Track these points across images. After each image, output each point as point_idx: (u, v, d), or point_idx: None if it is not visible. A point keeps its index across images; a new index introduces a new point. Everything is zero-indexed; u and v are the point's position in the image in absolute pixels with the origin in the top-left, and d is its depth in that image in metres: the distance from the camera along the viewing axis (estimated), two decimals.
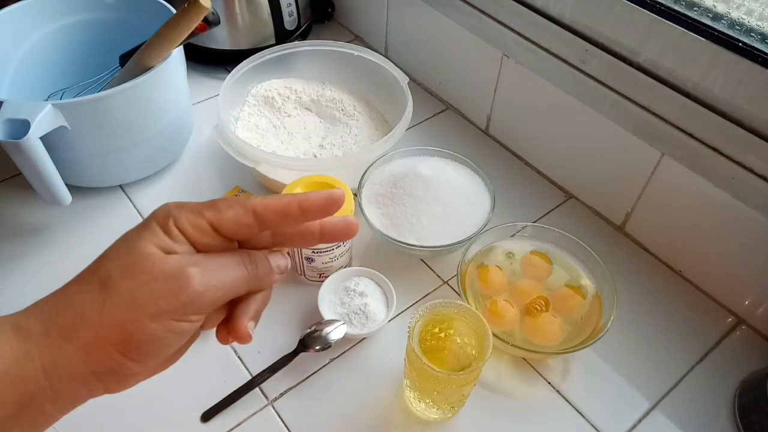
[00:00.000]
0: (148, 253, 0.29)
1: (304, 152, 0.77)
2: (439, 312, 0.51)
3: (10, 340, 0.28)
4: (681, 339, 0.63)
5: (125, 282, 0.28)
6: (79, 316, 0.28)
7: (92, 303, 0.28)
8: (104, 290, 0.28)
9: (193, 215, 0.31)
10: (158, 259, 0.29)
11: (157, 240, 0.29)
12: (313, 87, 0.84)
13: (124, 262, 0.29)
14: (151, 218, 0.31)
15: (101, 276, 0.29)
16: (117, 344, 0.28)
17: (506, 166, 0.81)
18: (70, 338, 0.28)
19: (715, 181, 0.58)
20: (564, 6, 0.64)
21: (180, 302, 0.29)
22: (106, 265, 0.29)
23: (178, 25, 0.62)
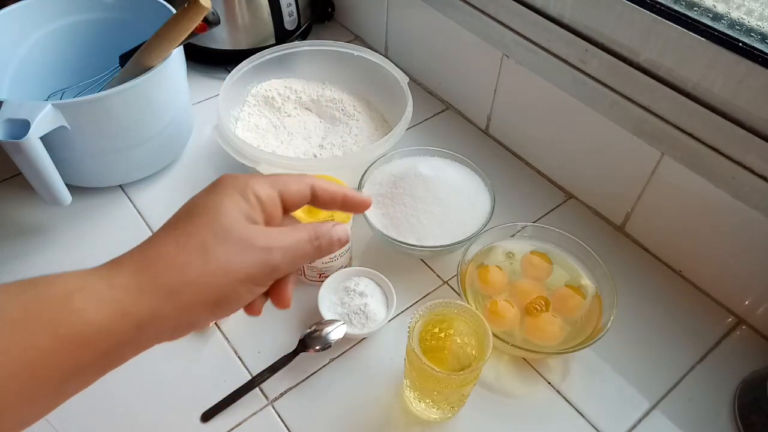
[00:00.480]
0: (236, 222, 0.33)
1: (304, 152, 0.77)
2: (439, 312, 0.51)
3: (106, 297, 0.30)
4: (681, 339, 0.63)
5: (220, 249, 0.32)
6: (181, 278, 0.31)
7: (192, 266, 0.31)
8: (203, 255, 0.31)
9: (268, 186, 0.35)
10: (246, 229, 0.33)
11: (241, 207, 0.33)
12: (313, 87, 0.84)
13: (217, 230, 0.32)
14: (228, 185, 0.34)
15: (198, 242, 0.32)
16: (210, 305, 0.32)
17: (506, 166, 0.81)
18: (169, 298, 0.31)
19: (715, 181, 0.58)
20: (564, 6, 0.64)
21: (265, 272, 0.33)
22: (200, 231, 0.32)
23: (178, 25, 0.62)
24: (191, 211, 0.34)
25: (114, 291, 0.30)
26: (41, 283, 0.30)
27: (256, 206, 0.34)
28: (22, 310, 0.28)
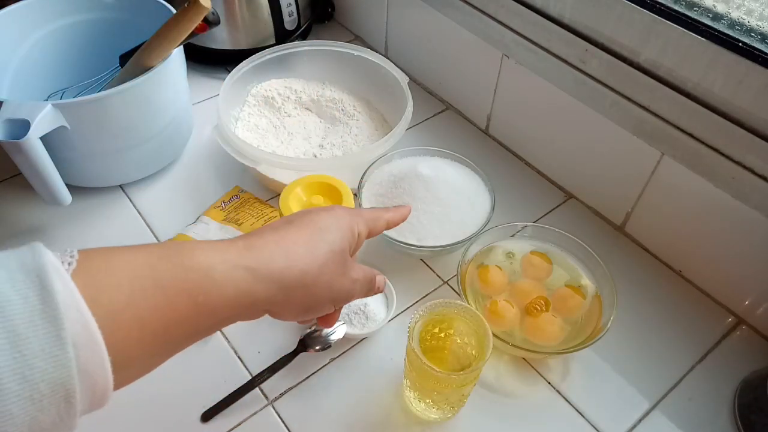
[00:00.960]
0: (345, 251, 0.41)
1: (304, 152, 0.77)
2: (439, 312, 0.51)
3: (239, 276, 0.35)
4: (681, 339, 0.63)
5: (330, 268, 0.39)
6: (300, 281, 0.37)
7: (309, 274, 0.38)
8: (319, 269, 0.38)
9: (365, 225, 0.44)
10: (350, 260, 0.41)
11: (350, 240, 0.41)
12: (313, 87, 0.84)
13: (336, 249, 0.39)
14: (344, 216, 0.42)
15: (320, 260, 0.38)
16: (303, 308, 0.39)
17: (506, 166, 0.81)
18: (287, 292, 0.37)
19: (715, 181, 0.58)
20: (564, 6, 0.64)
21: (345, 299, 0.42)
22: (322, 250, 0.39)
23: (178, 25, 0.62)
24: (316, 222, 0.40)
25: (244, 273, 0.35)
26: (187, 251, 0.34)
27: (355, 242, 0.42)
28: (170, 275, 0.32)
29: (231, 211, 0.70)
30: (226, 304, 0.34)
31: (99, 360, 0.28)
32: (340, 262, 0.40)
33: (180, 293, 0.32)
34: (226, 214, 0.69)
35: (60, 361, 0.26)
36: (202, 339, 0.36)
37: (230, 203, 0.71)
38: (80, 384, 0.27)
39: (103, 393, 0.29)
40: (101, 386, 0.29)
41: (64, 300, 0.27)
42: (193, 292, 0.33)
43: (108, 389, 0.29)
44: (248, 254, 0.36)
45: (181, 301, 0.32)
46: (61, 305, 0.26)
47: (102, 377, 0.28)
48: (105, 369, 0.28)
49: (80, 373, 0.27)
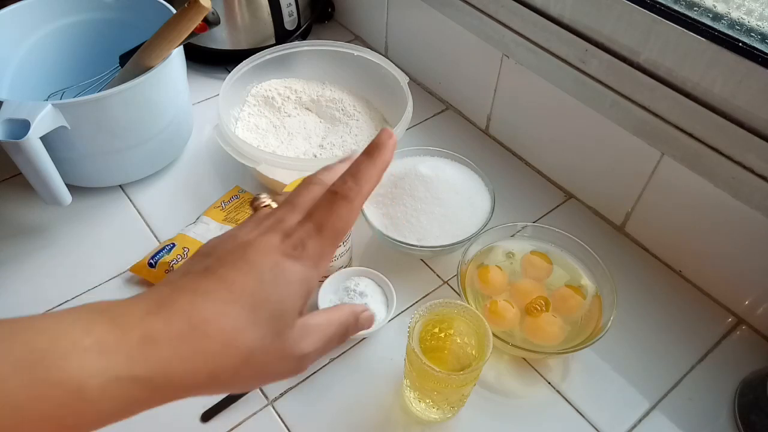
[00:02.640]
0: (287, 330, 0.30)
1: (304, 152, 0.77)
2: (439, 312, 0.51)
3: (131, 393, 0.26)
4: (681, 339, 0.63)
5: (259, 358, 0.29)
6: (211, 382, 0.28)
7: (223, 375, 0.28)
8: (243, 364, 0.29)
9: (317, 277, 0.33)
10: (292, 337, 0.30)
11: (299, 307, 0.31)
12: (313, 87, 0.84)
13: (267, 343, 0.29)
14: (298, 278, 0.30)
15: (243, 352, 0.28)
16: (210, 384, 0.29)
17: (506, 166, 0.81)
18: (193, 393, 0.28)
19: (715, 181, 0.58)
20: (564, 6, 0.64)
21: (290, 375, 0.32)
22: (249, 337, 0.29)
23: (178, 25, 0.62)
24: (255, 275, 0.29)
25: (131, 386, 0.26)
26: (57, 357, 0.25)
27: (309, 299, 0.32)
28: (27, 395, 0.24)
29: (231, 211, 0.70)
30: (108, 420, 0.26)
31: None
32: (279, 347, 0.29)
33: (41, 419, 0.24)
34: (226, 214, 0.69)
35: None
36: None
37: (230, 203, 0.71)
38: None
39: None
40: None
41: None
42: (58, 414, 0.24)
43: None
44: (142, 356, 0.26)
45: (44, 427, 0.24)
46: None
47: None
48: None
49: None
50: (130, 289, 0.65)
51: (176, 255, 0.64)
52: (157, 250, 0.65)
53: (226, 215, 0.69)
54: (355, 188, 0.32)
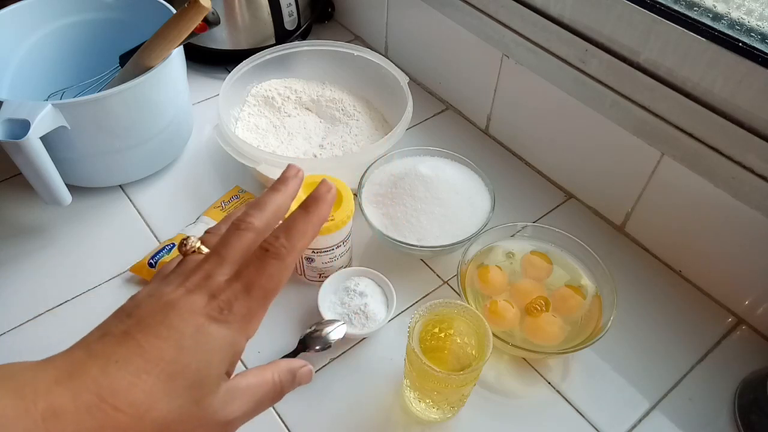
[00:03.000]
0: (206, 399, 0.29)
1: (304, 152, 0.77)
2: (439, 312, 0.51)
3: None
4: (681, 339, 0.63)
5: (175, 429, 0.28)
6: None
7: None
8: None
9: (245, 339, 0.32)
10: (213, 405, 0.29)
11: (225, 368, 0.31)
12: (313, 87, 0.84)
13: (184, 413, 0.28)
14: (220, 344, 0.30)
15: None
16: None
17: (506, 166, 0.81)
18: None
19: (715, 181, 0.58)
20: (564, 6, 0.64)
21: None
22: (161, 409, 0.27)
23: (178, 25, 0.62)
24: (177, 341, 0.28)
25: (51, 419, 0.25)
26: None
27: (236, 361, 0.31)
28: None
29: (231, 211, 0.70)
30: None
31: None
32: (199, 415, 0.28)
33: None
34: (226, 214, 0.69)
35: None
36: None
37: (230, 203, 0.71)
38: None
39: None
40: None
41: None
42: None
43: None
44: (49, 397, 0.25)
45: None
46: None
47: None
48: None
49: None
50: (130, 289, 0.65)
51: (176, 255, 0.64)
52: (157, 250, 0.65)
53: (226, 215, 0.69)
54: (287, 246, 0.31)
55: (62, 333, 0.60)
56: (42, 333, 0.60)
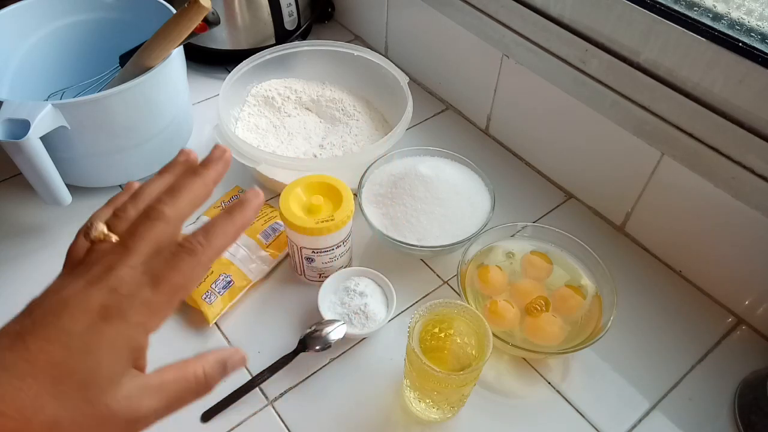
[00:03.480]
0: (101, 397, 0.28)
1: (304, 152, 0.77)
2: (439, 312, 0.51)
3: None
4: (681, 339, 0.63)
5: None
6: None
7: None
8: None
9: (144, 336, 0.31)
10: (108, 404, 0.28)
11: (122, 367, 0.29)
12: (313, 87, 0.84)
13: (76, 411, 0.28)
14: (119, 342, 0.29)
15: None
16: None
17: (506, 166, 0.81)
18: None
19: (715, 181, 0.58)
20: (564, 6, 0.64)
21: None
22: (48, 410, 0.27)
23: (178, 25, 0.62)
24: (65, 343, 0.27)
25: None
26: None
27: (136, 363, 0.30)
28: None
29: None
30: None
31: None
32: (93, 414, 0.27)
33: None
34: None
35: None
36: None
37: (230, 203, 0.71)
38: None
39: None
40: None
41: None
42: None
43: None
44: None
45: None
46: None
47: None
48: None
49: None
50: None
51: None
52: None
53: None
54: (204, 243, 0.30)
55: None
56: None
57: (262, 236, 0.67)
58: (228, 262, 0.64)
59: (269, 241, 0.67)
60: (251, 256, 0.65)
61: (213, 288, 0.61)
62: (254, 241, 0.66)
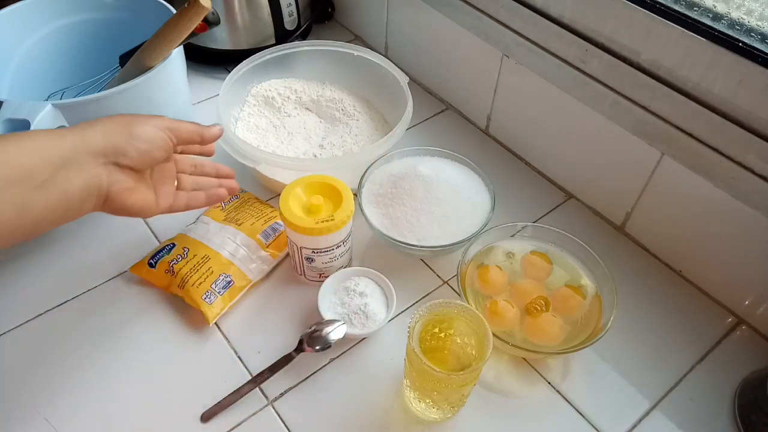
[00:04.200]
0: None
1: (304, 152, 0.77)
2: (439, 312, 0.51)
3: (48, 133, 0.44)
4: (681, 339, 0.63)
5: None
6: (100, 120, 0.48)
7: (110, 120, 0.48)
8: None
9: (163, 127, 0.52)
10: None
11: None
12: (313, 87, 0.84)
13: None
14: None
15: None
16: (125, 133, 0.47)
17: (506, 166, 0.81)
18: (94, 125, 0.47)
19: (715, 181, 0.58)
20: (564, 6, 0.64)
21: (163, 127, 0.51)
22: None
23: (178, 25, 0.62)
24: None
25: (54, 131, 0.45)
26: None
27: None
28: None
29: (231, 211, 0.70)
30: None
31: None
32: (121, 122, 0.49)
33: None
34: (226, 214, 0.69)
35: None
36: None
37: (230, 203, 0.71)
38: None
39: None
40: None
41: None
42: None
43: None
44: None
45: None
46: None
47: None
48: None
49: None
50: (130, 289, 0.65)
51: (176, 255, 0.64)
52: (157, 250, 0.65)
53: (226, 215, 0.69)
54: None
55: (62, 333, 0.60)
56: (42, 333, 0.60)
57: (262, 236, 0.67)
58: (228, 262, 0.64)
59: (269, 241, 0.67)
60: (251, 256, 0.65)
61: (213, 288, 0.61)
62: (254, 241, 0.66)
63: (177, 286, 0.62)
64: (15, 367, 0.58)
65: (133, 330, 0.62)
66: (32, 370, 0.58)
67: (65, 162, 0.43)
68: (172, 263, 0.63)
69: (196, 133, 0.54)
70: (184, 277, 0.62)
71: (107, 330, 0.61)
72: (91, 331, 0.61)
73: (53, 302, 0.63)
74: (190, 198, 0.56)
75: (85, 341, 0.60)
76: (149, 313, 0.63)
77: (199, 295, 0.61)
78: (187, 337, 0.61)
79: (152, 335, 0.61)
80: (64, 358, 0.59)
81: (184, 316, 0.63)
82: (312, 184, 0.61)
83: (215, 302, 0.61)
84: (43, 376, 0.57)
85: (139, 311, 0.63)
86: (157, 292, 0.64)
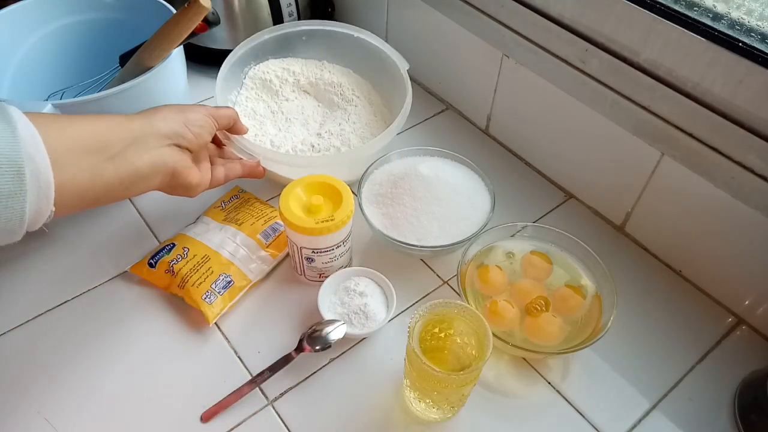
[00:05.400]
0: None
1: (302, 141, 0.76)
2: (439, 312, 0.51)
3: (119, 116, 0.51)
4: (681, 339, 0.63)
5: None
6: (158, 108, 0.55)
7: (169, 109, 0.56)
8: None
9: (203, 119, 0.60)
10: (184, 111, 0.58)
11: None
12: (311, 68, 0.83)
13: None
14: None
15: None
16: (182, 119, 0.55)
17: (506, 166, 0.81)
18: (156, 112, 0.54)
19: (715, 181, 0.58)
20: (564, 6, 0.64)
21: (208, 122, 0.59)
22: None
23: (178, 25, 0.62)
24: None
25: (124, 116, 0.53)
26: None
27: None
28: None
29: (231, 210, 0.70)
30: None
31: (41, 154, 0.41)
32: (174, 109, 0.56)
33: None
34: (226, 214, 0.69)
35: (12, 146, 0.39)
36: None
37: (230, 203, 0.71)
38: (27, 165, 0.40)
39: (47, 185, 0.41)
40: (44, 175, 0.41)
41: (17, 113, 0.41)
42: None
43: (50, 182, 0.42)
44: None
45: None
46: (14, 114, 0.41)
47: (43, 164, 0.41)
48: (44, 156, 0.41)
49: (27, 157, 0.40)
50: (130, 289, 0.65)
51: (176, 255, 0.64)
52: (157, 250, 0.65)
53: (226, 215, 0.69)
54: None
55: (62, 333, 0.60)
56: (42, 333, 0.60)
57: (262, 236, 0.67)
58: (228, 262, 0.64)
59: (269, 241, 0.67)
60: (251, 256, 0.65)
61: (213, 288, 0.61)
62: (254, 241, 0.66)
63: (177, 286, 0.62)
64: (15, 367, 0.58)
65: (133, 330, 0.62)
66: (32, 370, 0.58)
67: (135, 140, 0.50)
68: (172, 263, 0.63)
69: (231, 119, 0.62)
70: (184, 277, 0.62)
71: (107, 330, 0.61)
72: (91, 332, 0.61)
73: (53, 302, 0.63)
74: (227, 170, 0.64)
75: (85, 341, 0.60)
76: (149, 313, 0.63)
77: (199, 295, 0.61)
78: (187, 337, 0.61)
79: (152, 335, 0.61)
80: (64, 358, 0.59)
81: (184, 316, 0.63)
82: (312, 184, 0.61)
83: (215, 302, 0.61)
84: (43, 376, 0.57)
85: (139, 311, 0.63)
86: (157, 292, 0.65)
